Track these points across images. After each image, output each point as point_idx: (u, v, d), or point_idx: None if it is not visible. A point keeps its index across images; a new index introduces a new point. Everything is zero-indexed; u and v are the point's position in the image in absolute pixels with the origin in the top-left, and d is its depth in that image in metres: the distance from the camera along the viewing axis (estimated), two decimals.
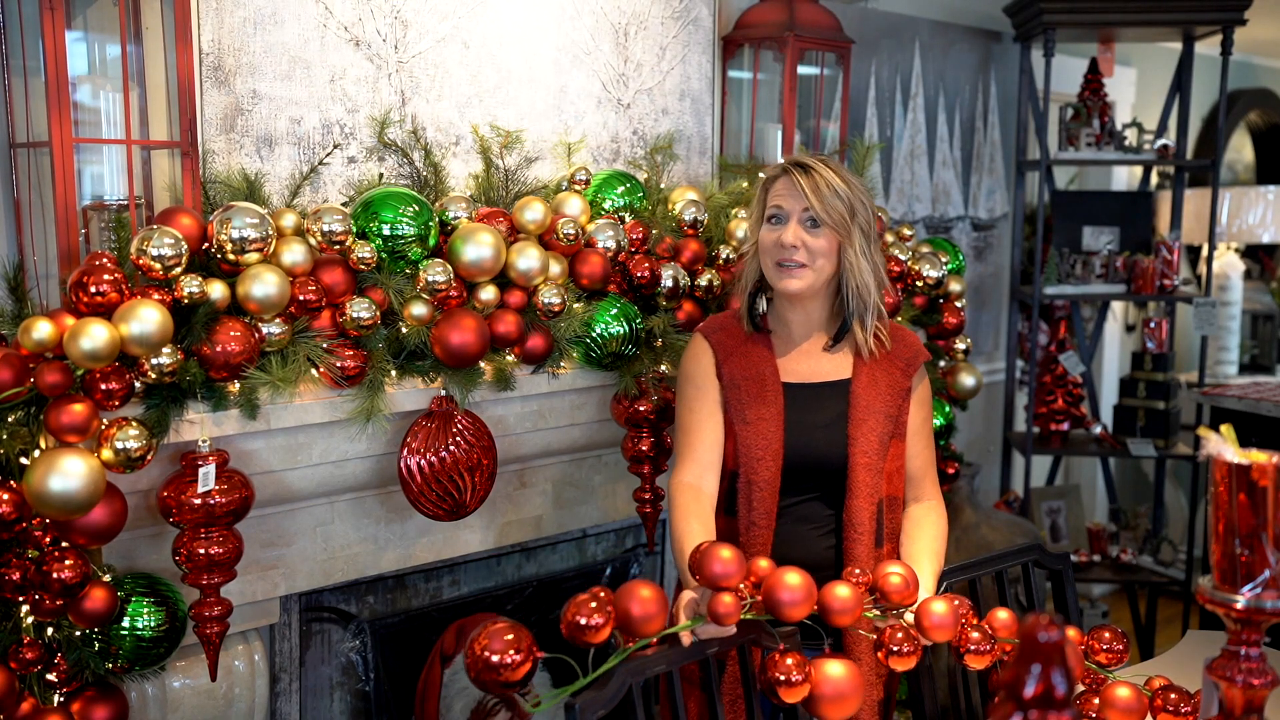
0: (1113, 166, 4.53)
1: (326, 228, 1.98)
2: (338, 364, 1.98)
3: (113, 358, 1.70)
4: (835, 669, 1.61)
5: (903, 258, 2.74)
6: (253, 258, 1.89)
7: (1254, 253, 5.62)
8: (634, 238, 2.41)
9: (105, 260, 1.76)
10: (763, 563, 1.70)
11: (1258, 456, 1.19)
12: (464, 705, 2.59)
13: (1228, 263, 4.86)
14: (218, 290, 1.86)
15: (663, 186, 2.64)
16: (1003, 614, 1.76)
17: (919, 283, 2.75)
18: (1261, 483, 1.18)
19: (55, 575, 1.70)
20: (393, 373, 2.08)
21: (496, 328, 2.14)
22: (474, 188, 2.37)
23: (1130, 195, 4.08)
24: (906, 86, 3.58)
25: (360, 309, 1.99)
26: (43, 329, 1.68)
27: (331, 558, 2.22)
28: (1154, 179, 4.34)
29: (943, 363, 3.01)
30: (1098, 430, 3.83)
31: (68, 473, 1.65)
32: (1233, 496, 1.19)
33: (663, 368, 2.42)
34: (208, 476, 1.85)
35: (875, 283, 2.00)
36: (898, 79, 3.55)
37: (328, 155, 2.19)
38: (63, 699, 1.81)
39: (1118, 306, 4.86)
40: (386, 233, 2.04)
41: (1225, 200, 4.84)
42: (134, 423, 1.76)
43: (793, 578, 1.62)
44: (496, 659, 1.45)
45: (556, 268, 2.26)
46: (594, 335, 2.30)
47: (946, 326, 2.92)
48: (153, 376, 1.78)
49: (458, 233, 2.12)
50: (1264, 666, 1.23)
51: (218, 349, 1.84)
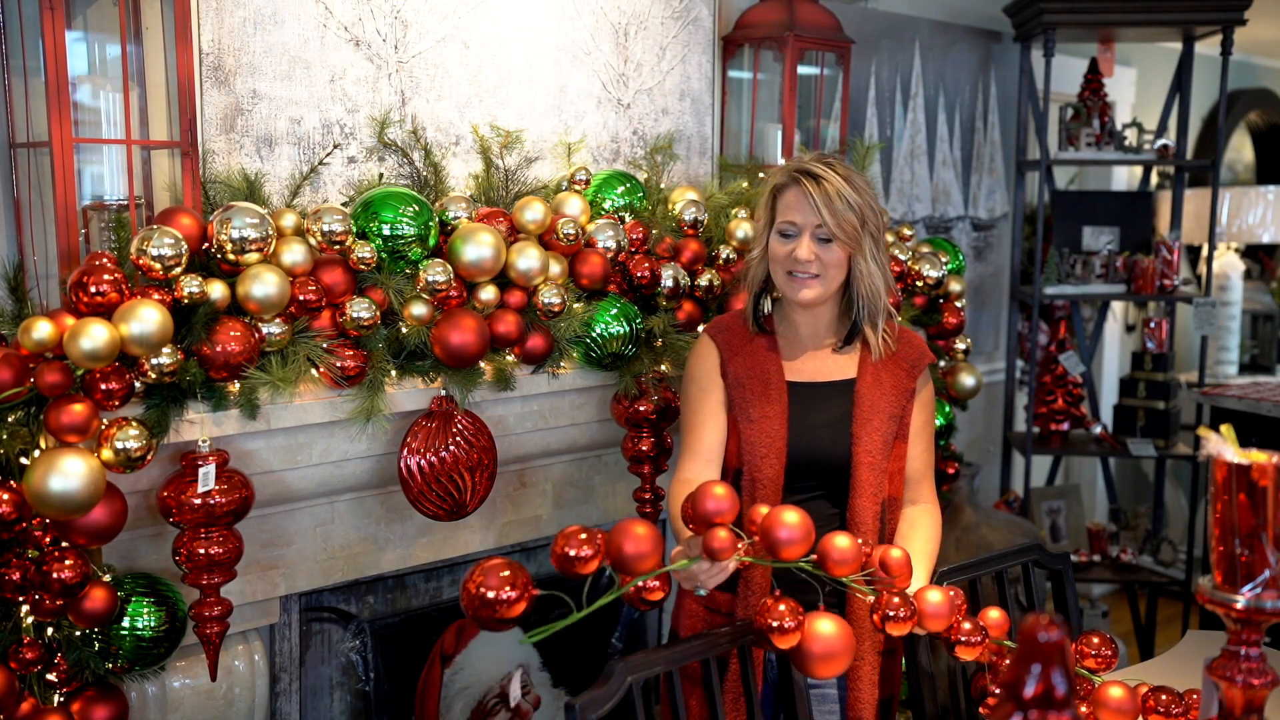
0: (1113, 166, 4.53)
1: (326, 228, 1.98)
2: (338, 364, 1.98)
3: (113, 358, 1.70)
4: (826, 626, 1.59)
5: (903, 258, 2.74)
6: (253, 258, 1.89)
7: (1254, 253, 5.62)
8: (634, 238, 2.41)
9: (105, 260, 1.76)
10: (762, 509, 1.67)
11: (1258, 456, 1.19)
12: (464, 705, 2.59)
13: (1228, 263, 4.86)
14: (218, 290, 1.86)
15: (663, 186, 2.64)
16: (994, 613, 1.76)
17: (919, 283, 2.75)
18: (1261, 483, 1.18)
19: (55, 575, 1.70)
20: (393, 373, 2.08)
21: (496, 328, 2.14)
22: (474, 188, 2.37)
23: (1130, 195, 4.08)
24: (906, 86, 3.58)
25: (360, 309, 1.99)
26: (43, 329, 1.68)
27: (331, 558, 2.22)
28: (1154, 179, 4.34)
29: (943, 363, 3.01)
30: (1098, 430, 3.83)
31: (68, 473, 1.65)
32: (1233, 496, 1.19)
33: (663, 368, 2.42)
34: (208, 476, 1.85)
35: (885, 286, 2.00)
36: (898, 79, 3.55)
37: (328, 155, 2.19)
38: (63, 699, 1.81)
39: (1118, 306, 4.86)
40: (386, 233, 2.04)
41: (1225, 200, 4.84)
42: (134, 423, 1.76)
43: (791, 515, 1.59)
44: (492, 595, 1.46)
45: (556, 268, 2.26)
46: (594, 335, 2.30)
47: (946, 326, 2.92)
48: (153, 376, 1.78)
49: (458, 233, 2.13)
50: (1264, 666, 1.23)
51: (218, 349, 1.84)
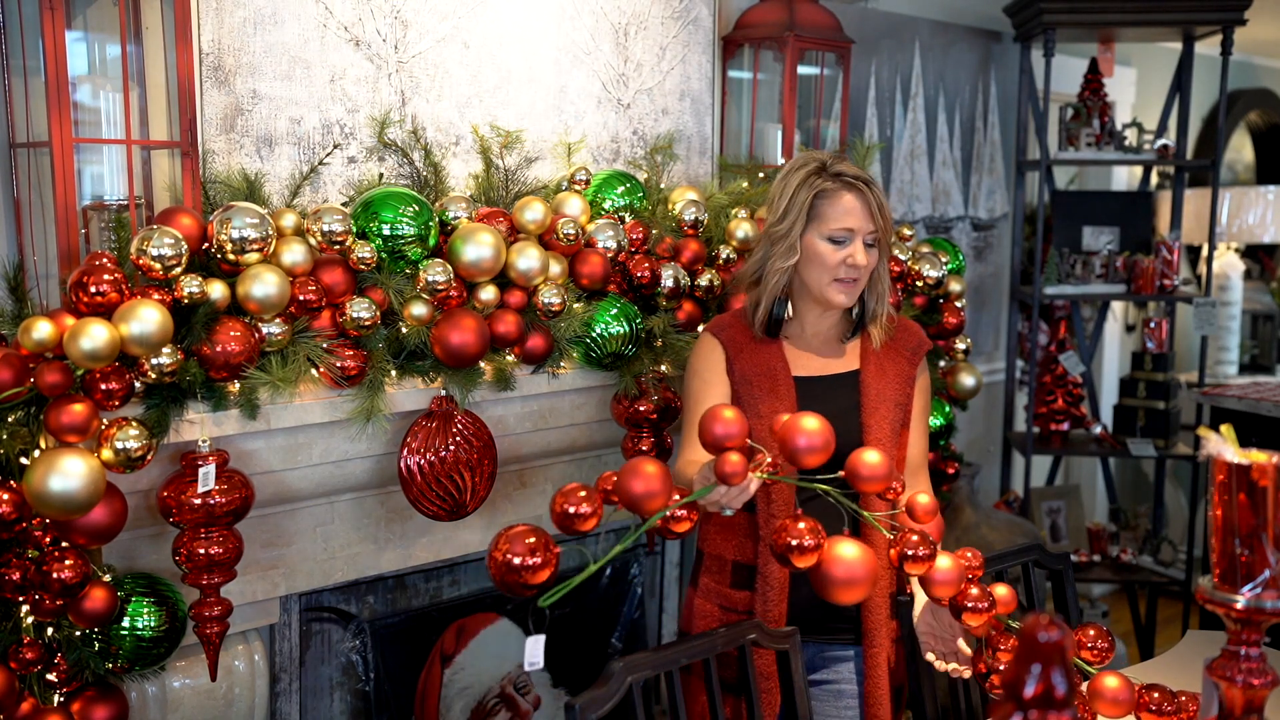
0: (1113, 166, 4.53)
1: (326, 228, 1.98)
2: (338, 364, 1.98)
3: (113, 358, 1.70)
4: (849, 549, 1.55)
5: (903, 258, 2.74)
6: (253, 258, 1.89)
7: (1254, 253, 5.62)
8: (634, 238, 2.41)
9: (105, 260, 1.76)
10: (783, 416, 1.63)
11: (1258, 456, 1.19)
12: (464, 705, 2.59)
13: (1228, 263, 4.86)
14: (218, 290, 1.86)
15: (663, 186, 2.64)
16: (1001, 589, 1.73)
17: (919, 283, 2.75)
18: (1261, 483, 1.18)
19: (55, 575, 1.70)
20: (393, 373, 2.08)
21: (496, 328, 2.14)
22: (474, 188, 2.37)
23: (1130, 195, 4.08)
24: (906, 86, 3.58)
25: (360, 309, 1.99)
26: (43, 329, 1.68)
27: (331, 558, 2.22)
28: (1154, 179, 4.34)
29: (943, 363, 3.00)
30: (1098, 430, 3.83)
31: (68, 473, 1.65)
32: (1233, 496, 1.19)
33: (663, 368, 2.42)
34: (208, 476, 1.85)
35: (891, 280, 2.10)
36: (898, 79, 3.55)
37: (328, 155, 2.19)
38: (63, 699, 1.81)
39: (1118, 306, 4.86)
40: (386, 233, 2.04)
41: (1225, 200, 4.84)
42: (134, 423, 1.75)
43: (810, 422, 1.55)
44: (519, 561, 1.46)
45: (556, 268, 2.26)
46: (594, 335, 2.30)
47: (946, 326, 2.92)
48: (153, 376, 1.78)
49: (458, 233, 2.12)
50: (1264, 666, 1.23)
51: (218, 349, 1.84)
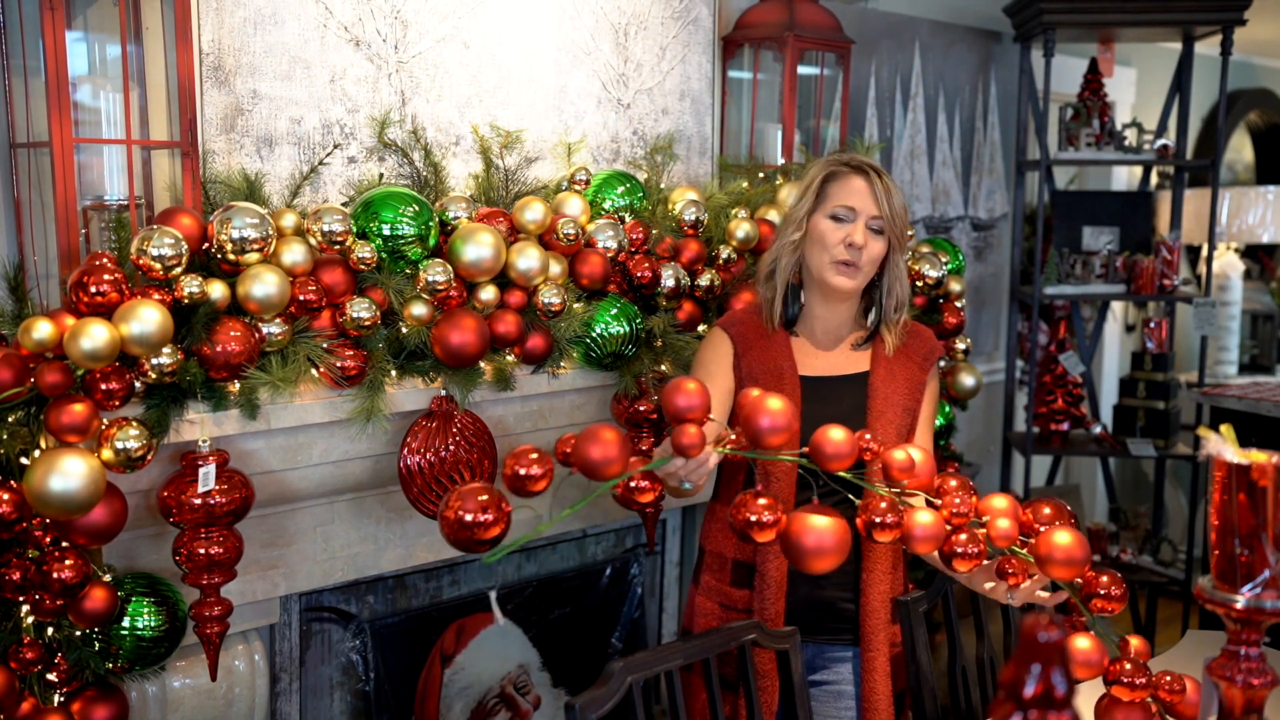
0: (1113, 166, 4.53)
1: (326, 228, 1.98)
2: (338, 364, 1.98)
3: (113, 358, 1.70)
4: (819, 519, 1.54)
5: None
6: (253, 258, 1.89)
7: (1254, 253, 5.62)
8: (634, 238, 2.41)
9: (105, 260, 1.76)
10: (753, 392, 1.61)
11: (1258, 456, 1.19)
12: (464, 705, 2.59)
13: (1228, 263, 4.86)
14: (218, 290, 1.86)
15: (663, 186, 2.64)
16: (1000, 501, 1.65)
17: (919, 283, 2.76)
18: (1261, 483, 1.18)
19: (55, 575, 1.70)
20: (393, 373, 2.08)
21: (496, 328, 2.14)
22: (474, 188, 2.37)
23: (1130, 195, 4.08)
24: (906, 86, 3.58)
25: (360, 309, 1.99)
26: (43, 329, 1.68)
27: (331, 558, 2.22)
28: (1154, 179, 4.34)
29: (943, 363, 3.01)
30: (1098, 430, 3.83)
31: (68, 473, 1.65)
32: (1233, 496, 1.19)
33: (663, 368, 2.42)
34: (208, 476, 1.85)
35: (908, 280, 2.10)
36: (898, 79, 3.55)
37: (328, 155, 2.19)
38: (63, 699, 1.81)
39: (1118, 306, 4.86)
40: (386, 233, 2.04)
41: (1225, 200, 4.84)
42: (134, 423, 1.75)
43: (774, 402, 1.54)
44: (470, 518, 1.47)
45: (556, 268, 2.26)
46: (594, 335, 2.30)
47: (946, 326, 2.92)
48: (153, 376, 1.78)
49: (458, 233, 2.12)
50: (1264, 666, 1.23)
51: (218, 349, 1.84)
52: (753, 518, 1.56)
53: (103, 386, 1.72)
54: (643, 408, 2.38)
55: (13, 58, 1.87)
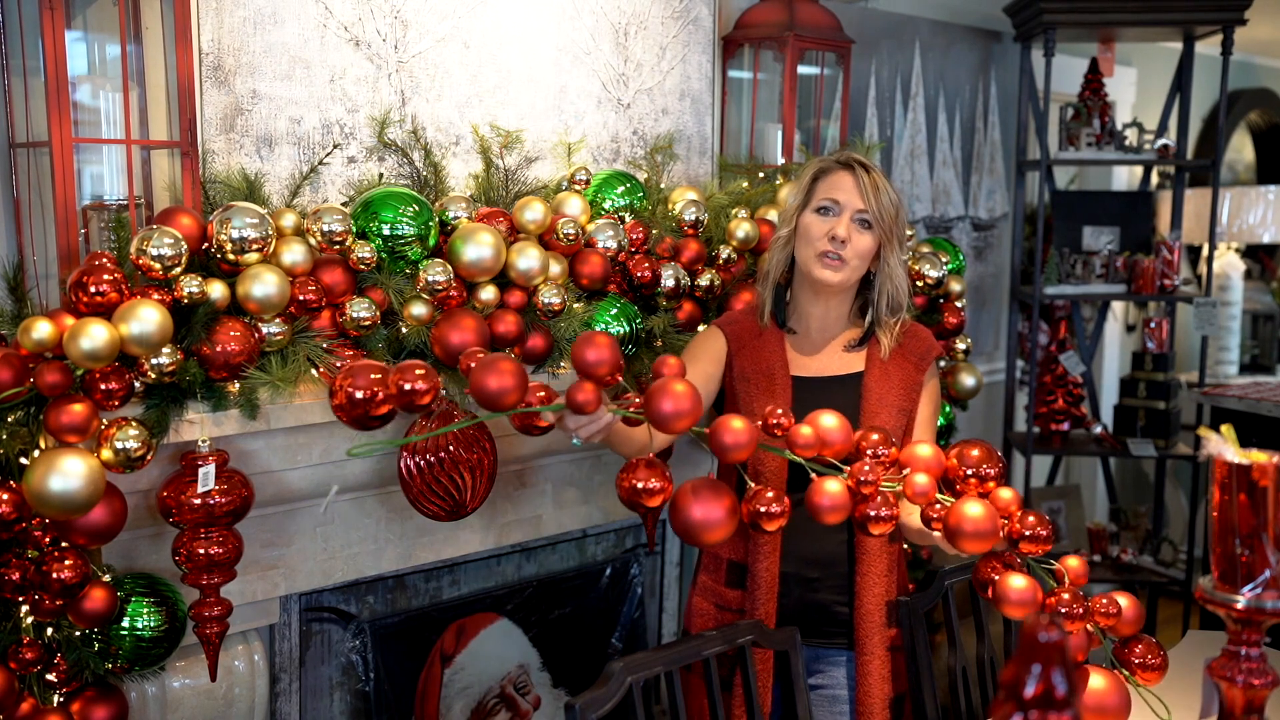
0: (1113, 166, 4.53)
1: (326, 228, 1.98)
2: (337, 364, 1.98)
3: (113, 358, 1.70)
4: (707, 489, 1.55)
5: (902, 258, 2.74)
6: (253, 258, 1.89)
7: (1254, 253, 5.62)
8: (634, 238, 2.41)
9: (105, 260, 1.76)
10: (670, 359, 1.63)
11: (1258, 456, 1.19)
12: (464, 705, 2.59)
13: (1228, 263, 4.86)
14: (218, 290, 1.86)
15: (663, 186, 2.64)
16: (924, 450, 1.68)
17: (919, 283, 2.75)
18: (1261, 483, 1.19)
19: (55, 575, 1.70)
20: None
21: (496, 328, 2.14)
22: (474, 188, 2.37)
23: (1130, 195, 4.08)
24: (906, 86, 3.58)
25: (360, 309, 1.99)
26: (43, 329, 1.68)
27: (331, 558, 2.22)
28: (1154, 179, 4.34)
29: (943, 363, 3.01)
30: (1098, 430, 3.83)
31: (68, 473, 1.65)
32: (1233, 496, 1.19)
33: None
34: (208, 476, 1.85)
35: (907, 279, 2.07)
36: (898, 79, 3.55)
37: (328, 155, 2.19)
38: (63, 699, 1.81)
39: (1118, 306, 4.86)
40: (386, 233, 2.04)
41: (1225, 200, 4.84)
42: (134, 423, 1.75)
43: (679, 386, 1.53)
44: (362, 395, 1.53)
45: (556, 268, 2.26)
46: None
47: (947, 326, 2.92)
48: (153, 376, 1.77)
49: (458, 233, 2.12)
50: (1264, 666, 1.23)
51: (218, 349, 1.84)
52: (640, 485, 1.57)
53: (102, 386, 1.72)
54: None
55: (12, 58, 1.87)
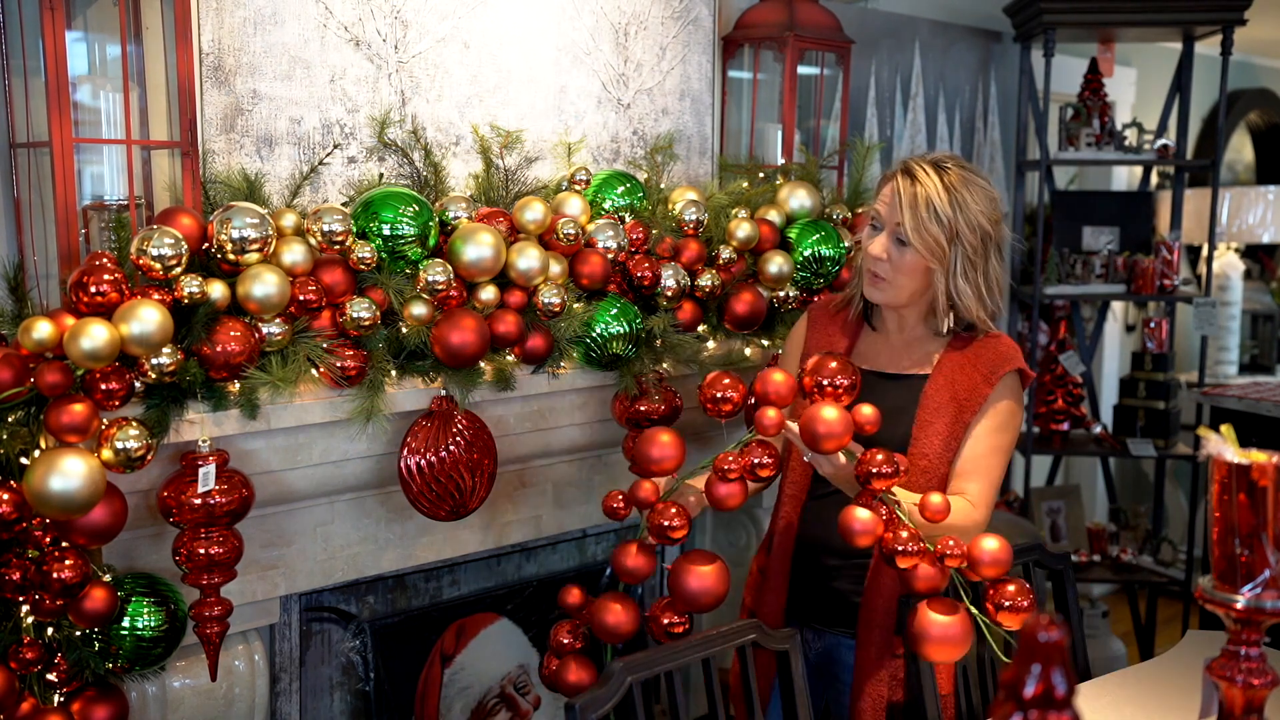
0: (1113, 166, 4.53)
1: (326, 228, 1.98)
2: (338, 364, 1.98)
3: (113, 358, 1.70)
4: (702, 567, 1.92)
5: None
6: (253, 258, 1.89)
7: (1254, 253, 5.62)
8: (634, 238, 2.41)
9: (105, 260, 1.76)
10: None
11: (1258, 456, 1.19)
12: (464, 705, 2.59)
13: (1228, 263, 4.86)
14: (218, 290, 1.86)
15: (663, 186, 2.64)
16: (935, 498, 1.78)
17: None
18: (1261, 483, 1.19)
19: (55, 575, 1.70)
20: (393, 373, 2.08)
21: (496, 328, 2.14)
22: (474, 188, 2.37)
23: (1130, 195, 4.08)
24: (906, 86, 3.58)
25: (360, 309, 1.99)
26: (43, 329, 1.68)
27: (331, 558, 2.22)
28: (1154, 179, 4.34)
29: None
30: (1098, 430, 3.83)
31: (68, 473, 1.65)
32: (1233, 496, 1.19)
33: (664, 367, 2.42)
34: (208, 476, 1.85)
35: (977, 302, 1.92)
36: (898, 79, 3.55)
37: (328, 155, 2.19)
38: (63, 699, 1.81)
39: (1118, 306, 4.86)
40: (386, 233, 2.04)
41: (1225, 200, 4.84)
42: (134, 423, 1.75)
43: (665, 436, 1.83)
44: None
45: (556, 268, 2.26)
46: (594, 335, 2.30)
47: None
48: (153, 376, 1.77)
49: (458, 233, 2.12)
50: (1264, 666, 1.23)
51: (218, 349, 1.84)
52: (664, 524, 1.90)
53: (103, 386, 1.72)
54: (643, 407, 2.38)
55: (13, 58, 1.87)
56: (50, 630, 1.79)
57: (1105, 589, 4.68)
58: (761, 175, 2.79)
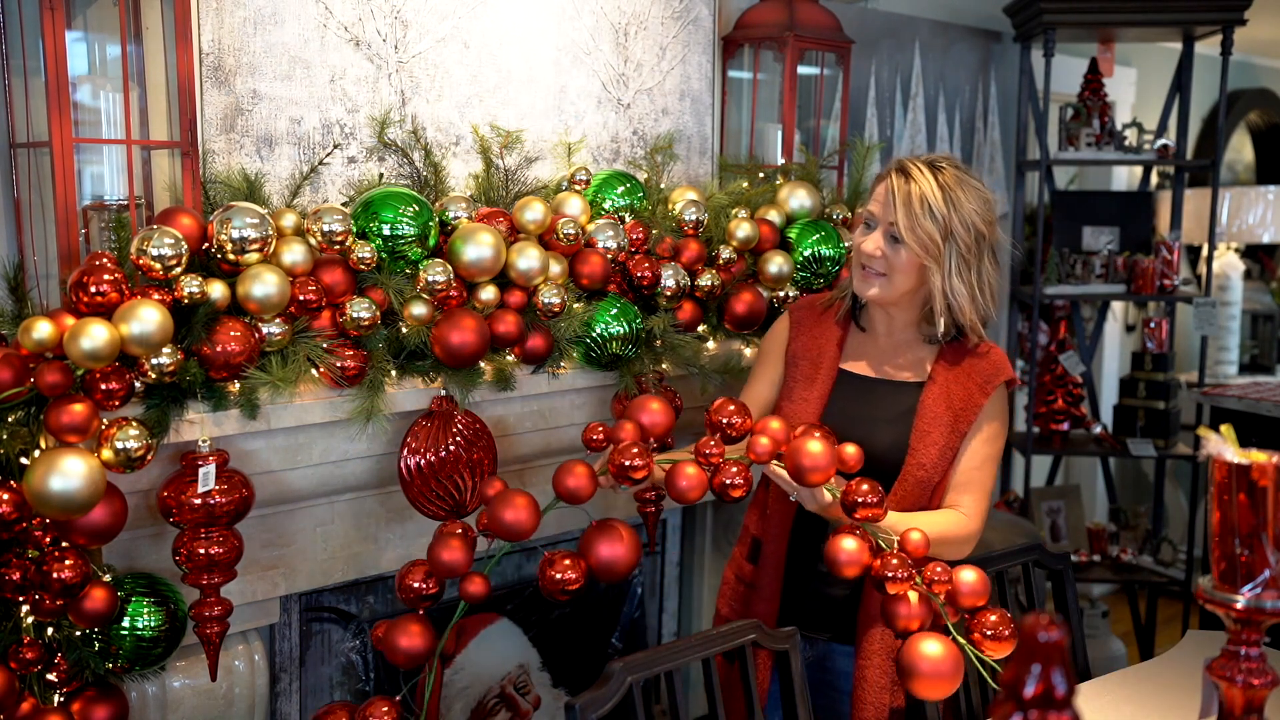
0: (1113, 166, 4.53)
1: (326, 228, 1.98)
2: (338, 364, 1.98)
3: (113, 358, 1.70)
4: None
5: None
6: (253, 258, 1.89)
7: (1254, 253, 5.62)
8: (634, 238, 2.41)
9: (105, 260, 1.76)
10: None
11: (1258, 456, 1.19)
12: (464, 705, 2.59)
13: (1228, 263, 4.86)
14: (218, 290, 1.86)
15: (663, 186, 2.64)
16: (916, 536, 1.79)
17: None
18: (1261, 483, 1.19)
19: (55, 575, 1.70)
20: (393, 373, 2.08)
21: (496, 328, 2.14)
22: (474, 188, 2.37)
23: (1130, 195, 4.08)
24: (906, 86, 3.58)
25: (360, 309, 1.99)
26: (43, 329, 1.68)
27: (331, 558, 2.22)
28: (1154, 179, 4.34)
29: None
30: (1098, 430, 3.83)
31: (68, 473, 1.65)
32: (1233, 496, 1.19)
33: (664, 367, 2.42)
34: (208, 476, 1.85)
35: (971, 303, 1.91)
36: (898, 79, 3.55)
37: (328, 155, 2.19)
38: (63, 699, 1.81)
39: (1118, 306, 4.86)
40: (386, 233, 2.04)
41: (1225, 200, 4.84)
42: (134, 423, 1.75)
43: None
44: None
45: (556, 268, 2.26)
46: (594, 335, 2.30)
47: None
48: (153, 376, 1.77)
49: (458, 233, 2.13)
50: (1264, 666, 1.23)
51: (218, 349, 1.84)
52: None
53: (103, 386, 1.72)
54: None
55: (13, 58, 1.87)
56: (50, 630, 1.79)
57: (1105, 589, 4.68)
58: (761, 175, 2.79)
